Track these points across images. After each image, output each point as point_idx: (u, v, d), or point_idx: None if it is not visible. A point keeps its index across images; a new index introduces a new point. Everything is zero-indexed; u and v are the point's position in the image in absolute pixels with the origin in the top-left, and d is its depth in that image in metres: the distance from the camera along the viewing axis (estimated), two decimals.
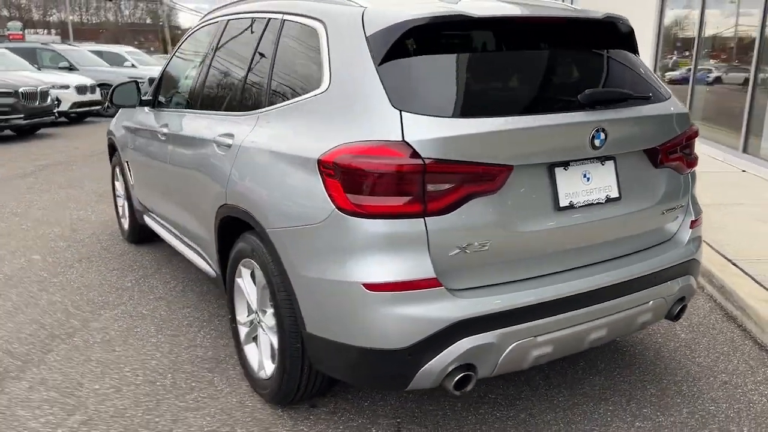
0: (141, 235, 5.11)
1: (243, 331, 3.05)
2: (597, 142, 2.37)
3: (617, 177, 2.51)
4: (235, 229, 2.97)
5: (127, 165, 4.76)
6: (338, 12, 2.52)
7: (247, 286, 2.93)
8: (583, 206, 2.41)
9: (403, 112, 2.14)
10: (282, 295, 2.54)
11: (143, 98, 4.28)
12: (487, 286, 2.28)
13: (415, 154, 2.10)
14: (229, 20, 3.47)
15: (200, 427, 2.70)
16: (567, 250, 2.42)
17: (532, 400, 2.89)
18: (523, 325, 2.27)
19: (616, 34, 2.70)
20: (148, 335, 3.58)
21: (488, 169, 2.18)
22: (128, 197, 4.95)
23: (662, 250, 2.70)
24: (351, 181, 2.16)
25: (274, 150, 2.54)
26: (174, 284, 4.35)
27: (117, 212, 5.52)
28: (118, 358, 3.31)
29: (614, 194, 2.49)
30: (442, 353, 2.18)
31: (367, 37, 2.33)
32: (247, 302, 2.99)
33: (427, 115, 2.15)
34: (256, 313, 2.88)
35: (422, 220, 2.14)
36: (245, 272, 2.92)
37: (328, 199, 2.22)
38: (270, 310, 2.75)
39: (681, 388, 3.00)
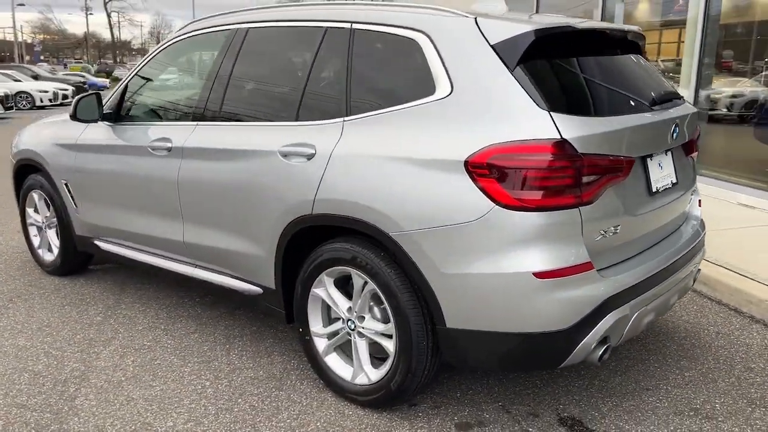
0: (72, 266, 4.61)
1: (321, 342, 3.01)
2: (675, 135, 2.80)
3: (674, 165, 2.96)
4: (310, 240, 2.93)
5: (66, 186, 4.27)
6: (443, 23, 2.64)
7: (333, 294, 2.90)
8: (662, 190, 2.82)
9: (552, 113, 2.36)
10: (406, 296, 2.60)
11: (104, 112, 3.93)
12: (617, 264, 2.58)
13: (573, 150, 2.33)
14: (249, 29, 3.35)
15: None
16: (656, 228, 2.82)
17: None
18: (643, 295, 2.60)
19: (642, 43, 3.17)
20: (177, 366, 3.32)
21: (623, 161, 2.49)
22: (62, 223, 4.43)
23: (691, 226, 3.21)
24: (512, 177, 2.33)
25: (392, 155, 2.58)
26: (154, 311, 4.02)
27: (29, 243, 4.88)
28: (165, 393, 3.05)
29: (674, 180, 2.94)
30: (594, 329, 2.43)
31: (492, 46, 2.50)
32: (328, 312, 2.97)
33: (572, 114, 2.39)
34: (349, 321, 2.87)
35: (578, 210, 2.38)
36: (328, 281, 2.90)
37: (484, 197, 2.36)
38: (368, 315, 2.79)
39: None
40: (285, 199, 2.94)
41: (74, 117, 3.91)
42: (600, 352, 2.51)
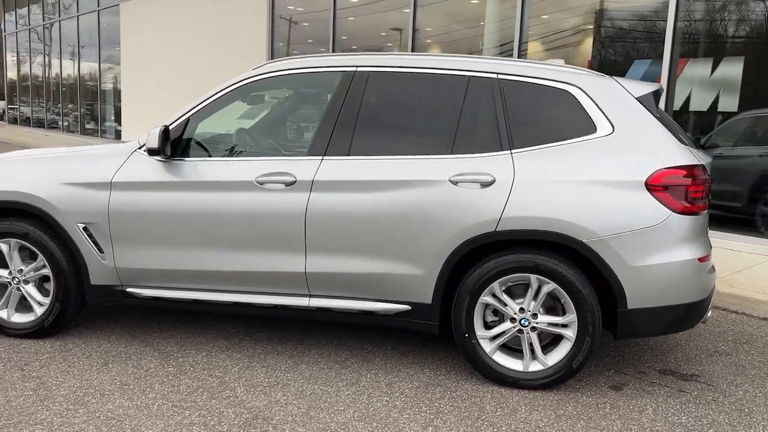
0: (65, 323, 4.02)
1: (486, 344, 3.49)
2: None
3: None
4: (472, 257, 3.44)
5: (85, 231, 3.79)
6: (591, 80, 3.47)
7: (505, 299, 3.43)
8: None
9: (687, 146, 3.39)
10: (588, 290, 3.32)
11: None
12: None
13: (706, 172, 3.38)
14: (371, 72, 3.66)
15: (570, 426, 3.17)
16: None
17: None
18: None
19: None
20: (334, 394, 3.40)
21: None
22: (62, 275, 3.86)
23: None
24: (680, 191, 3.28)
25: (573, 179, 3.29)
26: (245, 351, 3.85)
27: None
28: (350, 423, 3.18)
29: None
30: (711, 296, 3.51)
31: (637, 98, 3.43)
32: (489, 316, 3.48)
33: (692, 148, 3.45)
34: (522, 320, 3.43)
35: (706, 212, 3.43)
36: (498, 289, 3.43)
37: (663, 206, 3.26)
38: (540, 312, 3.42)
39: None
40: (459, 221, 3.39)
41: (164, 152, 3.63)
42: (708, 314, 3.57)
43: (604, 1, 8.51)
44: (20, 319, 4.04)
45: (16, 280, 4.01)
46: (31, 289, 4.01)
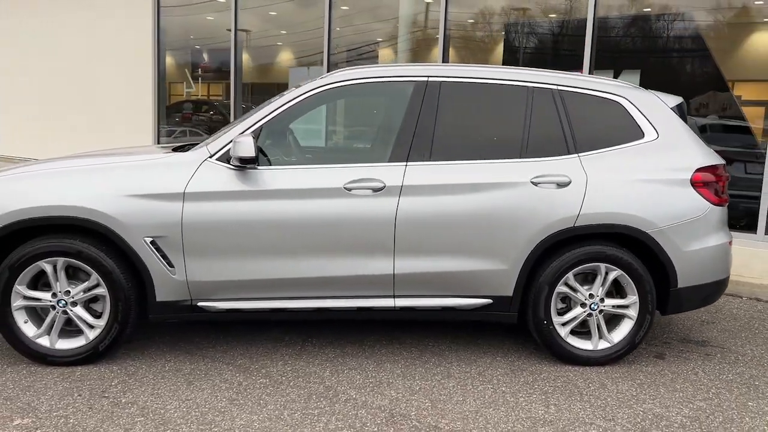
0: (118, 346, 3.78)
1: (560, 328, 3.88)
2: None
3: None
4: (551, 251, 3.84)
5: (152, 246, 3.60)
6: (635, 92, 4.01)
7: (577, 286, 3.85)
8: None
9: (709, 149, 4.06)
10: (647, 275, 3.85)
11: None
12: None
13: (726, 171, 4.07)
14: (442, 82, 3.88)
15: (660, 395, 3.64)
16: None
17: None
18: None
19: None
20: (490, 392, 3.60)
21: None
22: (122, 293, 3.63)
23: None
24: (714, 187, 3.91)
25: (645, 178, 3.81)
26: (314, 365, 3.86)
27: (11, 333, 3.65)
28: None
29: None
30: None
31: (671, 108, 4.03)
32: (559, 304, 3.88)
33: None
34: (592, 304, 3.86)
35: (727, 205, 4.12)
36: (571, 277, 3.84)
37: (704, 200, 3.87)
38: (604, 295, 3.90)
39: None
40: (542, 219, 3.75)
41: (250, 160, 3.54)
42: None
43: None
44: (67, 345, 3.72)
45: (62, 302, 3.68)
46: (80, 312, 3.70)
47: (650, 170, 3.87)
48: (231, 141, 3.67)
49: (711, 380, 3.78)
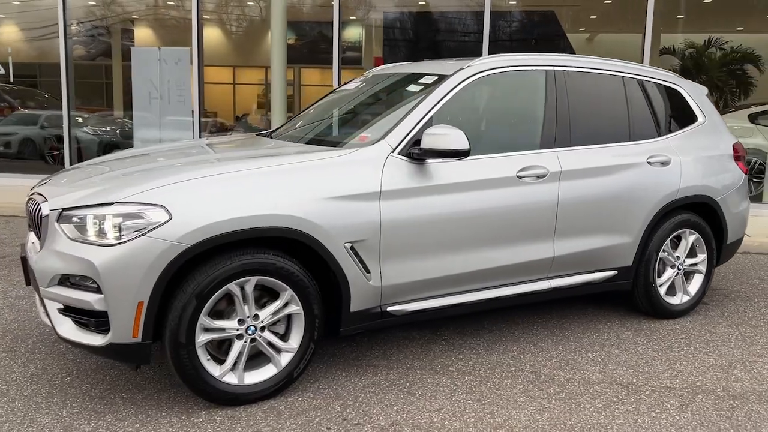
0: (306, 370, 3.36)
1: (661, 288, 4.46)
2: None
3: None
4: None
5: (352, 251, 3.27)
6: (686, 83, 4.72)
7: (671, 251, 4.46)
8: None
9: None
10: (712, 237, 4.63)
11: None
12: None
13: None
14: (564, 72, 4.09)
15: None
16: None
17: None
18: None
19: None
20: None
21: None
22: (312, 310, 3.24)
23: None
24: (743, 160, 4.84)
25: (709, 155, 4.53)
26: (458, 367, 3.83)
27: (203, 373, 3.02)
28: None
29: None
30: None
31: (706, 95, 4.84)
32: (663, 265, 4.47)
33: None
34: (678, 266, 4.51)
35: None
36: (668, 244, 4.45)
37: (740, 171, 4.77)
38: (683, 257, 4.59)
39: None
40: (657, 194, 4.26)
41: (462, 153, 3.35)
42: None
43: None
44: (256, 378, 3.18)
45: (251, 329, 3.13)
46: (270, 337, 3.19)
47: (710, 148, 4.63)
48: (413, 134, 3.48)
49: (757, 326, 4.67)
